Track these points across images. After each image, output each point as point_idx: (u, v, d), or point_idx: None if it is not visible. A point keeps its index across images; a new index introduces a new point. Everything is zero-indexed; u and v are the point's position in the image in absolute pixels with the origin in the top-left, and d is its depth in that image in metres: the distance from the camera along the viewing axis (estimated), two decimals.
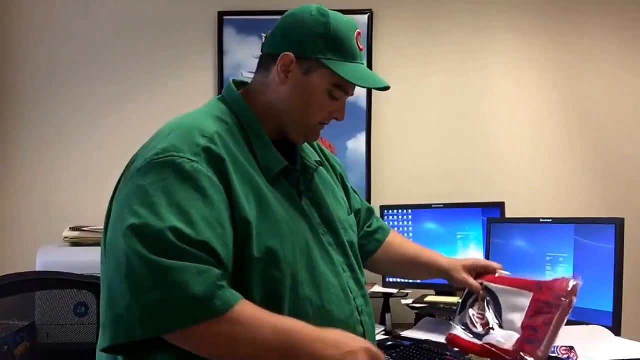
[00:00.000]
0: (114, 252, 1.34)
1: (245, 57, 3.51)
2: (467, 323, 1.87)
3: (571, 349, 2.06)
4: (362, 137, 3.52)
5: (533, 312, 1.72)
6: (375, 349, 1.45)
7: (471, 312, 1.88)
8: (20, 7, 3.49)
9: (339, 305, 1.58)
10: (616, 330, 2.21)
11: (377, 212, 3.24)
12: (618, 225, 2.30)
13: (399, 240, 2.11)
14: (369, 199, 3.49)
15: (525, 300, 1.75)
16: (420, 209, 3.17)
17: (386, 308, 3.01)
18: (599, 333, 2.15)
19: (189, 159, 1.41)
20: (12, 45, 3.49)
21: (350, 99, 1.69)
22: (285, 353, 1.36)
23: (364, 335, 1.62)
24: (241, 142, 1.56)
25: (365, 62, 1.69)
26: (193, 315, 1.29)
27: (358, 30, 1.66)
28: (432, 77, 3.55)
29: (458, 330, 1.86)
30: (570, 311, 1.70)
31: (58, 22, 3.51)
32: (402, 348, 2.55)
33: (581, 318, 2.29)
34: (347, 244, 1.72)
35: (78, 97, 3.50)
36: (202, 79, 3.52)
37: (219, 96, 1.71)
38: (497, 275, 1.91)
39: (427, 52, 3.55)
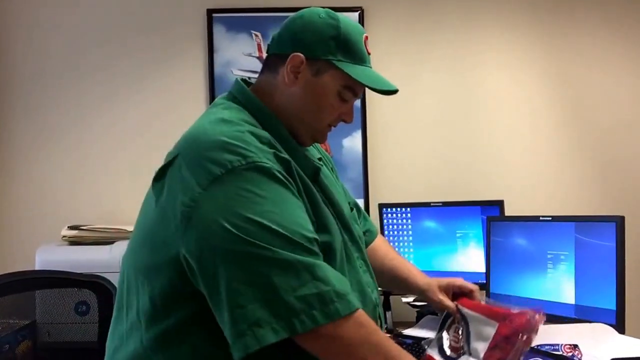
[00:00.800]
0: (239, 259, 1.31)
1: (235, 54, 3.50)
2: (442, 345, 1.88)
3: (575, 347, 2.06)
4: (357, 135, 3.51)
5: (494, 344, 1.72)
6: None
7: (445, 335, 1.90)
8: (8, 8, 3.48)
9: (363, 301, 1.59)
10: (620, 328, 2.21)
11: (376, 211, 3.27)
12: (619, 223, 2.30)
13: (384, 248, 2.11)
14: (366, 197, 3.49)
15: (491, 330, 1.75)
16: (419, 207, 3.17)
17: (387, 306, 3.01)
18: (603, 331, 2.14)
19: (269, 164, 1.40)
20: (6, 45, 3.47)
21: None
22: None
23: (380, 328, 1.66)
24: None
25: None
26: (339, 308, 1.32)
27: (365, 34, 1.67)
28: (426, 74, 3.55)
29: (434, 352, 1.88)
30: (527, 348, 1.70)
31: (46, 21, 3.49)
32: (403, 346, 2.53)
33: (584, 316, 2.30)
34: (359, 238, 1.73)
35: (72, 96, 3.49)
36: (193, 77, 3.51)
37: (227, 97, 1.68)
38: (473, 298, 1.92)
39: (419, 49, 3.54)
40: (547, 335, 2.09)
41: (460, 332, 1.86)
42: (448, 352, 1.85)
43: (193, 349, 1.41)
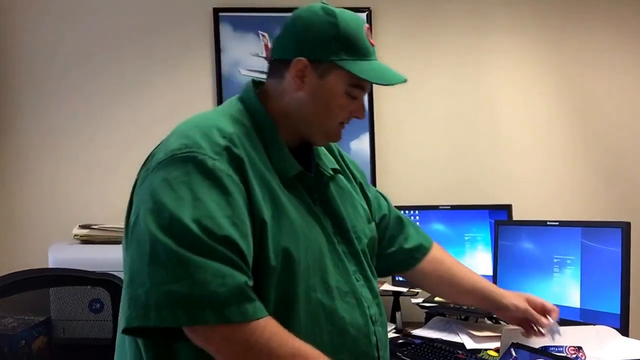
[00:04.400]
0: (138, 239, 1.35)
1: (242, 54, 3.50)
2: None
3: (579, 349, 2.08)
4: (365, 138, 3.52)
5: None
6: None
7: None
8: (17, 8, 3.49)
9: (352, 314, 1.57)
10: (624, 332, 2.23)
11: None
12: (624, 229, 2.32)
13: (448, 261, 2.05)
14: None
15: None
16: (427, 210, 3.18)
17: (396, 306, 3.04)
18: (607, 333, 2.16)
19: (210, 156, 1.41)
20: (13, 45, 3.49)
21: None
22: None
23: (376, 345, 1.62)
24: (257, 144, 1.54)
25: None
26: (208, 315, 1.30)
27: (366, 25, 1.64)
28: (434, 76, 3.55)
29: None
30: None
31: (57, 23, 3.50)
32: (412, 346, 2.58)
33: (589, 320, 2.32)
34: (360, 252, 1.69)
35: (82, 96, 3.50)
36: (201, 76, 3.51)
37: (239, 96, 1.68)
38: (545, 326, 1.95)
39: (427, 49, 3.55)
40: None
41: None
42: None
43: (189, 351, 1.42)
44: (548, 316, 1.98)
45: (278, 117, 1.61)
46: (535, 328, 1.98)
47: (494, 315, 2.79)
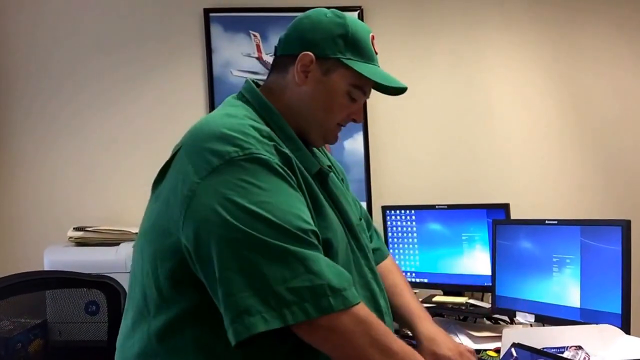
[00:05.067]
0: (228, 246, 1.33)
1: (234, 55, 3.50)
2: None
3: (579, 348, 2.07)
4: (359, 137, 3.53)
5: None
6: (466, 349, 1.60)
7: None
8: (10, 13, 3.50)
9: (370, 308, 1.57)
10: (626, 331, 2.22)
11: (379, 213, 3.28)
12: (624, 227, 2.31)
13: (394, 277, 2.05)
14: (369, 200, 3.52)
15: None
16: (424, 210, 3.17)
17: None
18: (610, 332, 2.15)
19: (267, 156, 1.42)
20: (7, 49, 3.49)
21: None
22: None
23: (382, 315, 1.67)
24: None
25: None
26: (333, 303, 1.33)
27: (372, 34, 1.69)
28: (428, 75, 3.57)
29: None
30: None
31: (49, 25, 3.51)
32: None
33: (590, 320, 2.31)
34: (365, 246, 1.74)
35: (77, 100, 3.51)
36: (192, 77, 3.52)
37: (238, 96, 1.70)
38: None
39: (420, 49, 3.57)
40: (554, 337, 2.11)
41: None
42: None
43: (194, 339, 1.43)
44: None
45: (282, 113, 1.64)
46: None
47: (493, 315, 2.78)
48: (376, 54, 1.69)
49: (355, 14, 3.48)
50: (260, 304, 1.29)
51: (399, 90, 1.71)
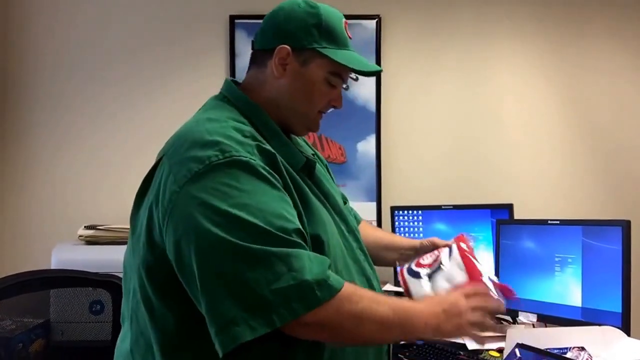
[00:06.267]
0: (211, 254, 1.30)
1: None
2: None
3: (582, 349, 2.07)
4: (371, 139, 3.55)
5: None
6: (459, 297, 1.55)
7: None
8: (35, 9, 3.54)
9: None
10: (626, 330, 2.22)
11: (388, 213, 3.29)
12: (625, 227, 2.31)
13: (371, 228, 2.14)
14: (379, 200, 3.53)
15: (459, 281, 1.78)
16: (430, 210, 3.19)
17: None
18: (612, 333, 2.15)
19: (249, 157, 1.40)
20: (29, 47, 3.53)
21: (359, 101, 1.72)
22: (404, 329, 1.44)
23: None
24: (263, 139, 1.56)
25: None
26: (320, 295, 1.30)
27: (345, 20, 1.68)
28: (439, 80, 3.60)
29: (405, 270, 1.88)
30: None
31: (73, 26, 3.55)
32: (414, 347, 2.57)
33: (591, 319, 2.31)
34: (355, 229, 1.74)
35: (93, 99, 3.54)
36: (215, 81, 3.48)
37: (218, 96, 1.72)
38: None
39: (434, 56, 3.60)
40: (557, 338, 2.11)
41: (435, 257, 1.88)
42: (414, 267, 1.86)
43: (194, 355, 1.42)
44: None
45: (263, 107, 1.64)
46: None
47: (497, 316, 2.78)
48: (350, 38, 1.68)
49: (374, 22, 3.53)
50: (244, 312, 1.27)
51: (374, 73, 1.71)
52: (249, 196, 1.35)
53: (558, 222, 2.54)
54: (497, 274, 2.70)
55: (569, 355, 2.05)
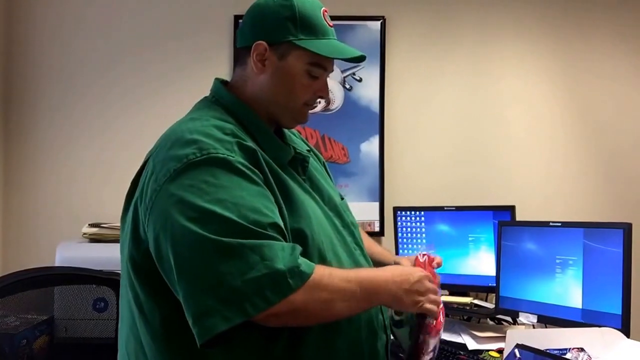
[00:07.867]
0: (187, 249, 1.34)
1: None
2: None
3: (581, 349, 2.07)
4: (375, 140, 3.56)
5: None
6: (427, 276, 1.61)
7: None
8: (41, 8, 3.57)
9: None
10: (625, 332, 2.22)
11: (390, 214, 3.30)
12: (626, 230, 2.31)
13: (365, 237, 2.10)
14: (381, 200, 3.54)
15: None
16: (433, 211, 3.20)
17: None
18: (611, 335, 2.15)
19: (227, 154, 1.43)
20: (35, 45, 3.56)
21: (363, 102, 1.72)
22: (371, 300, 1.52)
23: (380, 311, 1.69)
24: (247, 135, 1.58)
25: (381, 66, 1.70)
26: (292, 283, 1.33)
27: (324, 8, 1.68)
28: (443, 82, 3.62)
29: None
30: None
31: (79, 25, 3.58)
32: None
33: (591, 320, 2.31)
34: (350, 223, 1.76)
35: (97, 98, 3.57)
36: None
37: (207, 96, 1.74)
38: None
39: (439, 57, 3.62)
40: (557, 339, 2.12)
41: None
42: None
43: (181, 350, 1.45)
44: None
45: (249, 104, 1.66)
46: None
47: (496, 316, 2.80)
48: (330, 27, 1.67)
49: (378, 23, 3.53)
50: (218, 303, 1.29)
51: (354, 59, 1.70)
52: (225, 191, 1.38)
53: (560, 224, 2.55)
54: (497, 275, 2.71)
55: (568, 356, 2.05)
